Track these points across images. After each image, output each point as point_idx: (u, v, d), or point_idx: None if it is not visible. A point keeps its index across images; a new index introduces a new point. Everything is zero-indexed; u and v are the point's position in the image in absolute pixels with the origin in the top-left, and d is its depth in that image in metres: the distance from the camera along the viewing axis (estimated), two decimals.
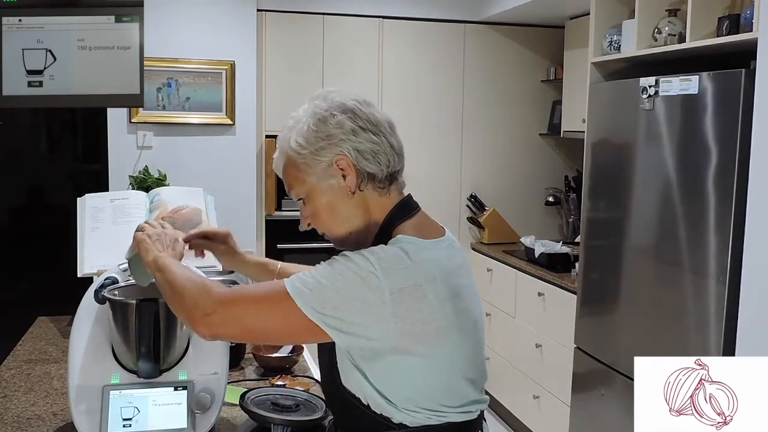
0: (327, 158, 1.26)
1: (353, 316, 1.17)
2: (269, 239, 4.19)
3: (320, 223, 1.32)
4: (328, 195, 1.28)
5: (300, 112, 1.31)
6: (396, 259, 1.20)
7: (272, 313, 1.21)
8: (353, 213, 1.29)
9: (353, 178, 1.27)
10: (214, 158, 3.99)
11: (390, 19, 4.25)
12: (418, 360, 1.20)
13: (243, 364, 2.05)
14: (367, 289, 1.17)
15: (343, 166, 1.26)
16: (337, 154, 1.26)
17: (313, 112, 1.28)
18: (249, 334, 1.28)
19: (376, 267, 1.17)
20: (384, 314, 1.17)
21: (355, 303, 1.17)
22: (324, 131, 1.26)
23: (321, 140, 1.26)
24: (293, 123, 1.31)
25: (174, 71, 3.88)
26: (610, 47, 3.10)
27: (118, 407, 1.45)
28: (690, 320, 2.60)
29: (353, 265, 1.19)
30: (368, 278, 1.17)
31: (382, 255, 1.20)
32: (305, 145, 1.26)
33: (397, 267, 1.19)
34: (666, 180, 2.70)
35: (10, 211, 4.47)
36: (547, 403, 3.62)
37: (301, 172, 1.28)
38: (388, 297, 1.17)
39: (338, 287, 1.18)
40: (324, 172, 1.27)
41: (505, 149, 4.50)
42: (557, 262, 3.66)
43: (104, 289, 1.47)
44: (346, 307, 1.17)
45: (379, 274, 1.17)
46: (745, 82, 2.32)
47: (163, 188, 2.34)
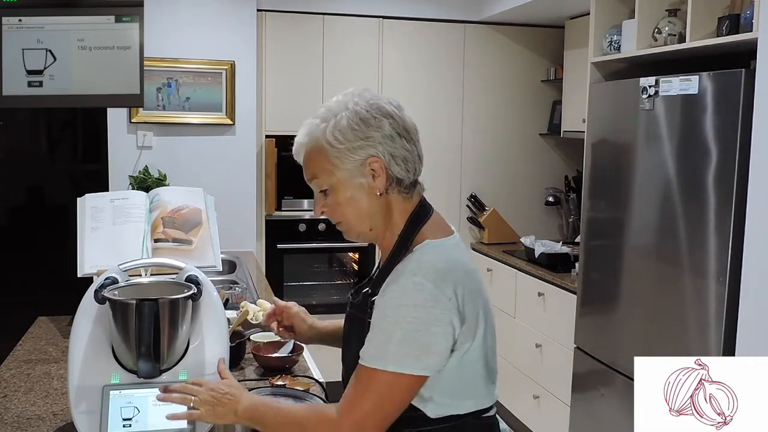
0: (361, 157, 1.29)
1: (441, 342, 1.22)
2: (269, 239, 4.19)
3: (340, 216, 1.34)
4: (354, 191, 1.31)
5: (333, 105, 1.32)
6: (437, 267, 1.24)
7: (385, 396, 1.23)
8: (376, 212, 1.33)
9: (383, 180, 1.30)
10: (214, 158, 3.99)
11: (390, 19, 4.25)
12: (463, 353, 1.26)
13: (243, 364, 2.05)
14: (432, 309, 1.21)
15: (375, 167, 1.29)
16: (371, 155, 1.29)
17: (354, 109, 1.29)
18: (385, 423, 1.26)
19: (426, 283, 1.22)
20: (454, 321, 1.23)
21: (435, 330, 1.21)
22: (364, 131, 1.28)
23: (360, 139, 1.28)
24: (325, 113, 1.31)
25: (174, 71, 3.88)
26: (610, 47, 3.10)
27: (118, 407, 1.45)
28: (690, 320, 2.60)
29: (408, 300, 1.22)
30: (426, 300, 1.21)
31: (424, 267, 1.24)
32: (342, 140, 1.28)
33: (441, 274, 1.23)
34: (666, 180, 2.70)
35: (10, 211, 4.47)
36: (547, 403, 3.62)
37: (331, 164, 1.30)
38: (450, 305, 1.22)
39: (414, 329, 1.21)
40: (355, 170, 1.30)
41: (505, 149, 4.50)
42: (557, 262, 3.66)
43: (104, 289, 1.47)
44: (432, 341, 1.21)
45: (433, 290, 1.21)
46: (745, 82, 2.32)
47: (163, 188, 2.34)
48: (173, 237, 2.08)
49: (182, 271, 1.55)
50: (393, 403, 1.24)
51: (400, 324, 1.21)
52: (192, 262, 1.66)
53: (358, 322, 1.34)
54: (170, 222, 2.11)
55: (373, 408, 1.23)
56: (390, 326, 1.22)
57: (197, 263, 1.79)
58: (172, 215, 2.13)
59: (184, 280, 1.53)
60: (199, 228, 2.13)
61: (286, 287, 4.26)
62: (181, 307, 1.47)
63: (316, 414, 1.30)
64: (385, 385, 1.22)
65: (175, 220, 2.11)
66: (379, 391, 1.23)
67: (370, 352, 1.24)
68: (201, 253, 2.08)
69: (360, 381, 1.25)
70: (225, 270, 3.20)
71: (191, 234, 2.11)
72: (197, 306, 1.52)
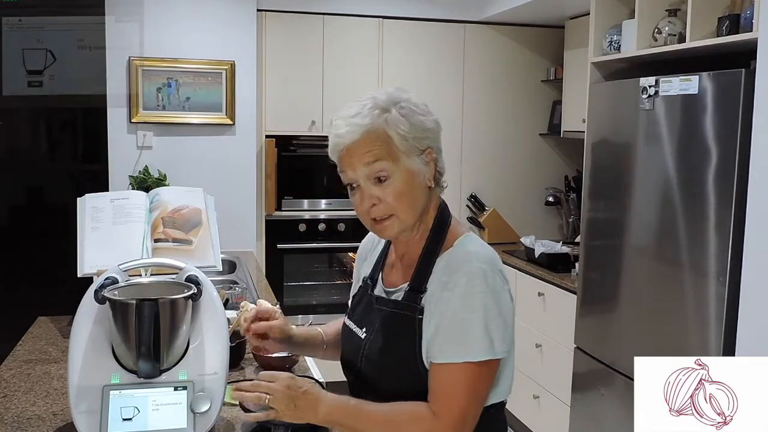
0: (423, 147, 1.35)
1: (510, 322, 1.32)
2: (269, 239, 4.19)
3: (395, 205, 1.33)
4: (414, 179, 1.34)
5: (385, 96, 1.35)
6: (489, 256, 1.33)
7: (478, 386, 1.29)
8: (423, 204, 1.37)
9: (433, 170, 1.37)
10: (214, 158, 4.00)
11: (390, 19, 4.25)
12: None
13: (243, 364, 2.05)
14: (501, 293, 1.29)
15: (431, 158, 1.36)
16: (429, 146, 1.36)
17: (412, 103, 1.36)
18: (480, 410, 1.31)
19: (488, 270, 1.29)
20: (513, 302, 1.33)
21: (505, 311, 1.30)
22: (425, 124, 1.35)
23: (424, 131, 1.35)
24: (385, 100, 1.34)
25: (174, 71, 3.88)
26: (610, 47, 3.10)
27: (118, 407, 1.45)
28: (690, 320, 2.60)
29: (480, 287, 1.27)
30: (494, 285, 1.28)
31: (481, 256, 1.31)
32: (409, 130, 1.33)
33: (495, 262, 1.33)
34: (666, 180, 2.70)
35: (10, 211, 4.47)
36: (547, 403, 3.62)
37: (399, 150, 1.32)
38: (508, 287, 1.32)
39: (493, 315, 1.28)
40: (419, 159, 1.34)
41: (505, 149, 4.51)
42: (557, 262, 3.66)
43: (104, 289, 1.47)
44: (506, 322, 1.30)
45: (493, 275, 1.29)
46: (745, 82, 2.32)
47: (163, 188, 2.34)
48: (173, 237, 2.08)
49: (182, 271, 1.55)
50: (485, 389, 1.31)
51: (477, 312, 1.26)
52: (192, 262, 1.65)
53: (401, 319, 1.35)
54: (170, 222, 2.11)
55: (471, 401, 1.28)
56: (470, 317, 1.26)
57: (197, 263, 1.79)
58: (172, 215, 2.13)
59: (184, 280, 1.53)
60: (199, 228, 2.13)
61: (286, 287, 4.26)
62: (181, 307, 1.47)
63: (407, 414, 1.29)
64: (476, 376, 1.27)
65: (175, 220, 2.11)
66: (472, 384, 1.27)
67: (452, 347, 1.27)
68: (201, 253, 2.08)
69: (450, 378, 1.27)
70: (225, 270, 3.20)
71: (191, 234, 2.11)
72: (197, 306, 1.52)
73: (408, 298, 1.35)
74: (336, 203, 4.26)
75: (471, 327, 1.26)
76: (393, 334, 1.36)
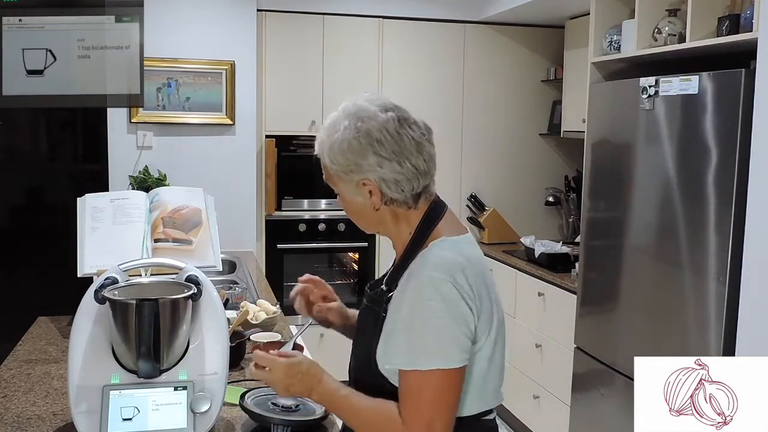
0: (355, 180, 1.31)
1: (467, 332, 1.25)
2: (269, 239, 4.19)
3: (351, 216, 1.39)
4: (357, 204, 1.34)
5: (330, 123, 1.33)
6: (454, 262, 1.26)
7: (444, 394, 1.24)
8: (382, 219, 1.36)
9: (378, 198, 1.32)
10: (214, 158, 4.00)
11: (390, 19, 4.25)
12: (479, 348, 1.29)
13: (243, 364, 2.05)
14: (454, 301, 1.23)
15: (370, 188, 1.31)
16: (363, 179, 1.30)
17: (343, 136, 1.29)
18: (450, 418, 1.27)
19: (444, 277, 1.24)
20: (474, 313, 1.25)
21: (460, 321, 1.23)
22: (352, 159, 1.29)
23: (351, 164, 1.30)
24: (331, 126, 1.32)
25: (174, 71, 3.88)
26: (610, 47, 3.10)
27: (118, 407, 1.45)
28: (690, 320, 2.60)
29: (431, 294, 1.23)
30: (446, 293, 1.23)
31: (441, 262, 1.26)
32: (336, 163, 1.31)
33: (459, 268, 1.25)
34: (666, 180, 2.70)
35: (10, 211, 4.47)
36: (547, 403, 3.62)
37: (335, 177, 1.34)
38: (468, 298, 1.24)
39: (444, 323, 1.22)
40: (353, 189, 1.33)
41: (505, 149, 4.51)
42: (557, 262, 3.66)
43: (104, 289, 1.47)
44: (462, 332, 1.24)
45: (444, 283, 1.23)
46: (745, 82, 2.32)
47: (163, 188, 2.34)
48: (173, 237, 2.09)
49: (182, 271, 1.55)
50: (452, 397, 1.25)
51: (429, 319, 1.22)
52: (192, 262, 1.66)
53: (373, 315, 1.35)
54: (170, 222, 2.11)
55: (436, 409, 1.23)
56: (420, 323, 1.23)
57: (197, 263, 1.79)
58: (172, 215, 2.13)
59: (184, 280, 1.53)
60: (199, 228, 2.13)
61: (286, 287, 4.26)
62: (181, 307, 1.47)
63: (385, 414, 1.27)
64: (439, 384, 1.23)
65: (175, 220, 2.12)
66: (438, 392, 1.23)
67: (399, 354, 1.25)
68: (201, 253, 2.08)
69: (413, 385, 1.24)
70: (225, 270, 3.21)
71: (191, 234, 2.12)
72: (197, 306, 1.52)
73: (379, 294, 1.36)
74: (336, 203, 4.25)
75: (422, 334, 1.23)
76: (364, 327, 1.39)
